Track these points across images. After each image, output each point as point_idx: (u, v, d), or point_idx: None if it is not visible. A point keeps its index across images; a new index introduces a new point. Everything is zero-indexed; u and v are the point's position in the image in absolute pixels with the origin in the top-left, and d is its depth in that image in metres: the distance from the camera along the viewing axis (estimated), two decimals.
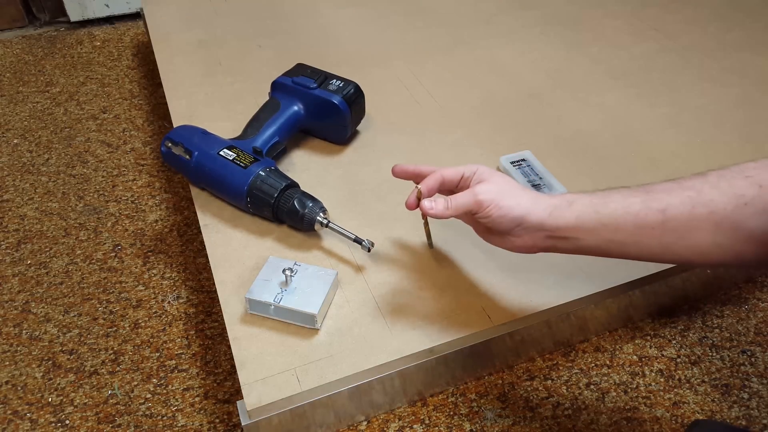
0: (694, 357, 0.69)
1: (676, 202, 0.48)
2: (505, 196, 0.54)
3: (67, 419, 0.65)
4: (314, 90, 0.81)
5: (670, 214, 0.48)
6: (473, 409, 0.64)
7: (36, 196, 0.93)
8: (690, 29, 1.11)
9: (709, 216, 0.47)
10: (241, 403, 0.57)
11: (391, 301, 0.65)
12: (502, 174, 0.58)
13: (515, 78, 0.99)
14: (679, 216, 0.48)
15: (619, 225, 0.50)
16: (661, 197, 0.49)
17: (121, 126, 1.08)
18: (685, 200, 0.48)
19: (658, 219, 0.48)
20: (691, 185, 0.48)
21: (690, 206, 0.48)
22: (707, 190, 0.47)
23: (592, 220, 0.51)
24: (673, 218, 0.48)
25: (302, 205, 0.69)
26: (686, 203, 0.48)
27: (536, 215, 0.53)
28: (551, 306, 0.65)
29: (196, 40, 1.10)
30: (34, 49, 1.31)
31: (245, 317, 0.64)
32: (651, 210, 0.49)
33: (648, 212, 0.49)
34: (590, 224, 0.51)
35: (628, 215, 0.50)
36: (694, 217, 0.47)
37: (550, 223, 0.53)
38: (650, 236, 0.49)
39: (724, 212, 0.47)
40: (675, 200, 0.48)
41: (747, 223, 0.46)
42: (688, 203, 0.48)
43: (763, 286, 0.77)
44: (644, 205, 0.49)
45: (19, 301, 0.78)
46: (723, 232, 0.47)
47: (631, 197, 0.50)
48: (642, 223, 0.49)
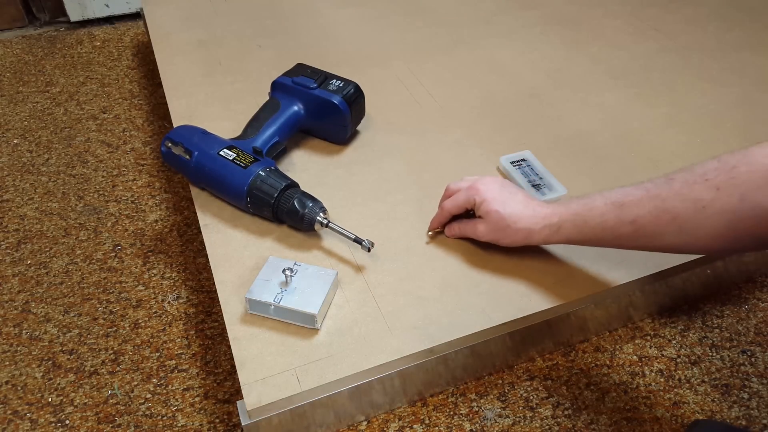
0: (694, 357, 0.69)
1: (644, 213, 0.55)
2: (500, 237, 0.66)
3: (67, 419, 0.65)
4: (314, 90, 0.81)
5: (639, 224, 0.56)
6: (473, 409, 0.64)
7: (36, 196, 0.93)
8: (690, 29, 1.11)
9: (673, 221, 0.54)
10: (241, 403, 0.57)
11: (391, 301, 0.65)
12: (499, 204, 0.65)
13: (515, 78, 0.99)
14: (647, 224, 0.55)
15: (599, 238, 0.60)
16: (631, 210, 0.56)
17: (121, 126, 1.08)
18: (652, 210, 0.55)
19: (630, 229, 0.57)
20: (657, 194, 0.55)
21: (656, 216, 0.55)
22: (670, 199, 0.54)
23: (578, 239, 0.61)
24: (642, 227, 0.56)
25: (302, 205, 0.69)
26: (652, 212, 0.55)
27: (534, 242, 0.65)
28: (551, 306, 0.65)
29: (196, 40, 1.10)
30: (34, 49, 1.31)
31: (245, 317, 0.64)
32: (623, 223, 0.57)
33: (621, 225, 0.57)
34: (577, 240, 0.62)
35: (606, 230, 0.58)
36: (660, 224, 0.55)
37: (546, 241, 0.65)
38: (626, 241, 0.58)
39: (685, 216, 0.53)
40: (642, 211, 0.55)
41: (706, 224, 0.52)
42: (653, 212, 0.55)
43: (763, 286, 0.77)
44: (618, 220, 0.57)
45: (19, 301, 0.78)
46: (686, 233, 0.54)
47: (607, 213, 0.58)
48: (618, 234, 0.58)
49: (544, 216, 0.62)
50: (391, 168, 0.82)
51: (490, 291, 0.66)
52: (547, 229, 0.62)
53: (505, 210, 0.64)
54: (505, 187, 0.66)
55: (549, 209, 0.63)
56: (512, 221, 0.64)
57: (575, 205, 0.61)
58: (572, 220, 0.60)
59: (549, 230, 0.62)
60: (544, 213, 0.63)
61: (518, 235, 0.64)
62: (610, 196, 0.59)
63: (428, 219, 0.74)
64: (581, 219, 0.60)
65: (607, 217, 0.58)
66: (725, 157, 0.52)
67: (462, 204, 0.68)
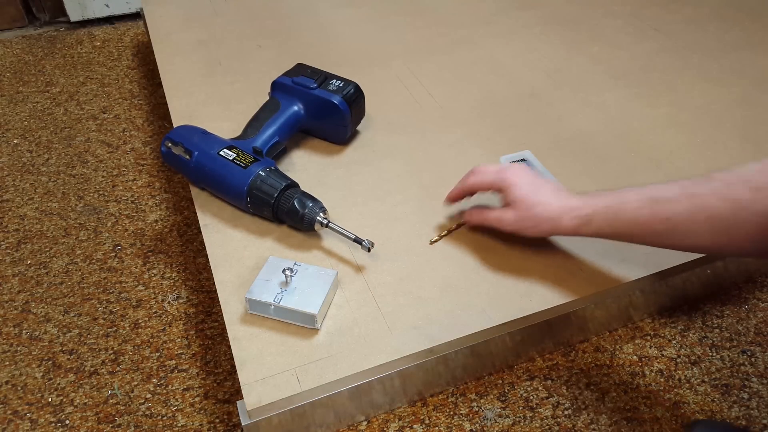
0: (694, 357, 0.69)
1: (680, 210, 0.54)
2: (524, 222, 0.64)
3: (67, 419, 0.65)
4: (314, 90, 0.81)
5: (674, 221, 0.55)
6: (473, 409, 0.64)
7: (36, 196, 0.93)
8: (690, 29, 1.11)
9: (709, 220, 0.53)
10: (241, 403, 0.57)
11: (391, 301, 0.65)
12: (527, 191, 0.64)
13: (515, 78, 0.99)
14: (682, 222, 0.54)
15: (631, 233, 0.59)
16: (666, 206, 0.55)
17: (121, 126, 1.08)
18: (688, 207, 0.54)
19: (664, 226, 0.55)
20: (694, 192, 0.54)
21: (691, 214, 0.54)
22: (708, 197, 0.53)
23: (608, 232, 0.60)
24: (677, 224, 0.55)
25: (302, 205, 0.69)
26: (688, 209, 0.54)
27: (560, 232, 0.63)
28: (551, 306, 0.65)
29: (196, 40, 1.10)
30: (34, 49, 1.31)
31: (245, 317, 0.64)
32: (658, 219, 0.56)
33: (655, 221, 0.56)
34: (607, 234, 0.61)
35: (639, 225, 0.57)
36: (694, 222, 0.54)
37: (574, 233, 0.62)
38: (658, 238, 0.57)
39: (722, 216, 0.52)
40: (678, 208, 0.54)
41: (743, 225, 0.51)
42: (690, 209, 0.54)
43: (763, 286, 0.77)
44: (652, 215, 0.56)
45: (19, 301, 0.78)
46: (722, 233, 0.53)
47: (642, 209, 0.57)
48: (650, 230, 0.57)
49: (574, 206, 0.61)
50: (391, 168, 0.82)
51: (490, 291, 0.66)
52: (576, 220, 0.60)
53: (535, 197, 0.62)
54: (535, 175, 0.65)
55: (580, 200, 0.61)
56: (542, 209, 0.62)
57: (607, 198, 0.59)
58: (604, 212, 0.59)
59: (579, 221, 0.60)
60: (575, 203, 0.61)
61: (546, 225, 0.62)
62: (644, 191, 0.57)
63: (428, 219, 0.74)
64: (613, 212, 0.58)
65: (641, 212, 0.56)
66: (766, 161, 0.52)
67: (489, 184, 0.66)
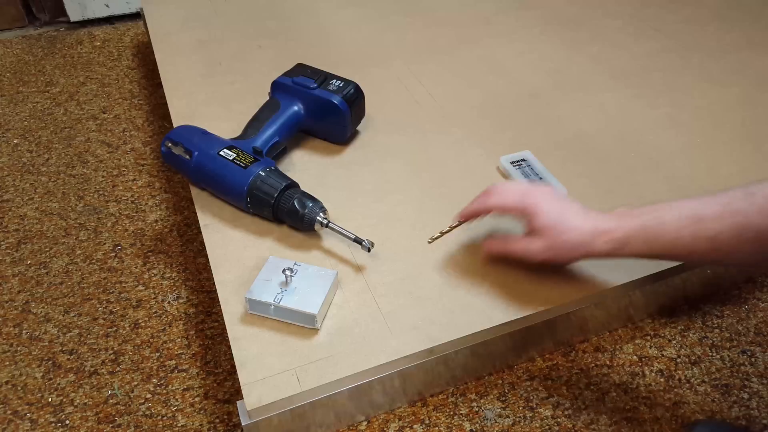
0: (694, 357, 0.69)
1: (725, 229, 0.52)
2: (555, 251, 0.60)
3: (67, 419, 0.65)
4: (314, 90, 0.81)
5: (719, 241, 0.52)
6: (473, 409, 0.64)
7: (36, 196, 0.93)
8: (690, 29, 1.11)
9: (756, 239, 0.51)
10: (241, 403, 0.57)
11: (391, 301, 0.65)
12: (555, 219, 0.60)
13: (515, 78, 0.99)
14: (727, 242, 0.52)
15: (672, 254, 0.56)
16: (710, 225, 0.52)
17: (121, 126, 1.08)
18: (733, 226, 0.51)
19: (708, 246, 0.53)
20: (738, 209, 0.51)
21: (738, 232, 0.51)
22: (754, 215, 0.50)
23: (645, 254, 0.57)
24: (721, 244, 0.52)
25: (302, 205, 0.69)
26: (734, 229, 0.51)
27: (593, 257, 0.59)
28: (551, 306, 0.65)
29: (196, 40, 1.10)
30: (34, 49, 1.31)
31: (245, 317, 0.64)
32: (701, 239, 0.53)
33: (698, 242, 0.53)
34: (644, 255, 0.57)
35: (678, 247, 0.54)
36: (741, 242, 0.51)
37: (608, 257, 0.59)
38: (700, 257, 0.55)
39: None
40: (723, 227, 0.52)
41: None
42: (736, 230, 0.51)
43: (763, 286, 0.77)
44: (694, 237, 0.53)
45: (19, 301, 0.78)
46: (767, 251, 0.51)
47: (683, 229, 0.53)
48: (692, 251, 0.54)
49: (607, 229, 0.57)
50: (391, 168, 0.82)
51: (490, 291, 0.66)
52: (611, 244, 0.57)
53: (564, 223, 0.59)
54: (560, 198, 0.61)
55: (612, 222, 0.57)
56: (572, 235, 0.58)
57: (642, 218, 0.56)
58: (642, 236, 0.55)
59: (613, 245, 0.57)
60: (607, 225, 0.57)
61: (578, 251, 0.59)
62: (682, 208, 0.54)
63: (428, 219, 0.74)
64: (652, 233, 0.55)
65: (682, 232, 0.53)
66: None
67: (511, 207, 0.62)
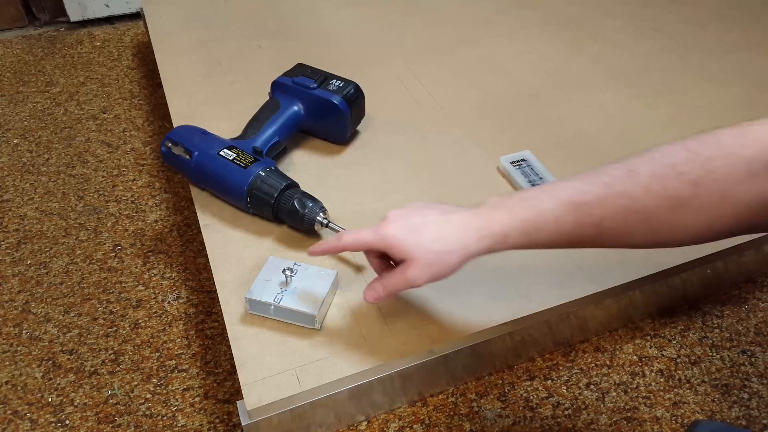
0: (694, 357, 0.69)
1: (610, 214, 0.48)
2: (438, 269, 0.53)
3: (67, 419, 0.65)
4: (314, 90, 0.82)
5: (604, 227, 0.48)
6: (473, 409, 0.64)
7: (36, 196, 0.93)
8: (690, 29, 1.11)
9: (645, 222, 0.47)
10: (241, 403, 0.57)
11: (391, 301, 0.65)
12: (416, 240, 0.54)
13: (515, 78, 0.99)
14: (614, 227, 0.48)
15: (554, 243, 0.51)
16: (593, 211, 0.48)
17: (121, 126, 1.08)
18: (619, 210, 0.47)
19: (594, 232, 0.49)
20: (623, 191, 0.47)
21: (623, 216, 0.48)
22: (641, 196, 0.47)
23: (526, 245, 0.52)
24: (607, 229, 0.48)
25: (302, 205, 0.69)
26: (620, 213, 0.48)
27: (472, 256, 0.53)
28: (551, 306, 0.65)
29: (196, 40, 1.10)
30: (34, 49, 1.31)
31: (245, 317, 0.64)
32: (585, 225, 0.49)
33: (582, 229, 0.49)
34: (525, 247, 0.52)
35: (562, 236, 0.50)
36: (628, 224, 0.48)
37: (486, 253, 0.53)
38: (587, 243, 0.51)
39: (659, 217, 0.47)
40: (608, 212, 0.48)
41: (683, 223, 0.47)
42: (621, 213, 0.47)
43: (763, 286, 0.77)
44: (577, 223, 0.49)
45: (19, 301, 0.78)
46: (659, 233, 0.48)
47: (563, 216, 0.49)
48: (577, 239, 0.50)
49: (478, 227, 0.52)
50: (391, 168, 0.82)
51: (490, 291, 0.66)
52: (488, 240, 0.52)
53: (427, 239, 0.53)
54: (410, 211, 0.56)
55: (484, 219, 0.52)
56: (441, 245, 0.52)
57: (519, 209, 0.51)
58: (520, 227, 0.51)
59: (491, 240, 0.52)
60: (478, 224, 0.52)
61: (456, 257, 0.52)
62: (559, 193, 0.50)
63: None
64: (532, 226, 0.50)
65: (563, 221, 0.49)
66: (693, 146, 0.47)
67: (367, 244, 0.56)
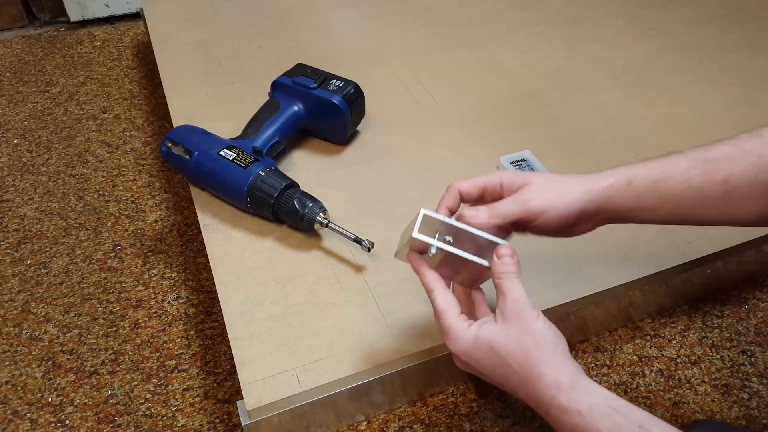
0: (694, 357, 0.69)
1: (739, 170, 0.46)
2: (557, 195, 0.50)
3: (67, 419, 0.65)
4: (314, 90, 0.82)
5: (733, 184, 0.46)
6: (473, 409, 0.64)
7: (36, 196, 0.93)
8: (690, 29, 1.11)
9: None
10: (241, 403, 0.57)
11: (391, 301, 0.65)
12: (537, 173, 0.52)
13: (515, 78, 0.99)
14: (741, 185, 0.46)
15: (680, 201, 0.48)
16: (722, 166, 0.46)
17: (121, 126, 1.08)
18: (748, 167, 0.46)
19: (720, 191, 0.47)
20: (752, 149, 0.46)
21: (753, 175, 0.45)
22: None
23: (653, 198, 0.49)
24: (735, 188, 0.46)
25: (302, 205, 0.69)
26: (749, 170, 0.46)
27: (594, 203, 0.50)
28: (551, 306, 0.65)
29: (196, 40, 1.10)
30: (34, 49, 1.31)
31: (245, 317, 0.64)
32: (713, 182, 0.47)
33: (710, 185, 0.47)
34: (651, 203, 0.49)
35: (690, 190, 0.48)
36: (756, 185, 0.46)
37: (609, 208, 0.51)
38: (711, 207, 0.48)
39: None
40: (737, 168, 0.46)
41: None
42: (750, 170, 0.46)
43: (763, 286, 0.77)
44: (705, 178, 0.47)
45: (19, 301, 0.78)
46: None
47: (692, 169, 0.47)
48: (704, 197, 0.47)
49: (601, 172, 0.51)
50: (391, 168, 0.82)
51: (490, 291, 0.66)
52: (610, 178, 0.50)
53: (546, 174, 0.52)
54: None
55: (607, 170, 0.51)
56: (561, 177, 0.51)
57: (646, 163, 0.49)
58: (647, 173, 0.49)
59: (614, 179, 0.50)
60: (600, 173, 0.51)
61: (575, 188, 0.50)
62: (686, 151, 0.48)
63: None
64: (659, 173, 0.48)
65: (691, 174, 0.47)
66: None
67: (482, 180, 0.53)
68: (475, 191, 0.54)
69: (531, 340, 0.46)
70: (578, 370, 0.45)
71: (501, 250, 0.49)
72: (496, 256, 0.49)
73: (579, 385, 0.44)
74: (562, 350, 0.46)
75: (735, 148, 0.47)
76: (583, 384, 0.44)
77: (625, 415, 0.42)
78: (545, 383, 0.44)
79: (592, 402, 0.43)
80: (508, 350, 0.46)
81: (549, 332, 0.46)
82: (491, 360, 0.47)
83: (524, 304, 0.47)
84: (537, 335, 0.46)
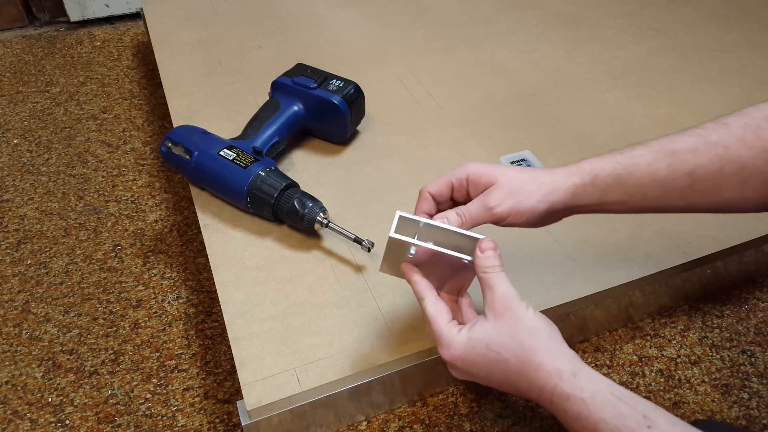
0: (694, 357, 0.69)
1: (704, 162, 0.47)
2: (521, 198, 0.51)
3: (67, 419, 0.65)
4: (314, 90, 0.82)
5: (698, 176, 0.47)
6: (473, 409, 0.64)
7: (36, 196, 0.93)
8: (690, 29, 1.11)
9: (738, 173, 0.46)
10: (241, 403, 0.57)
11: (391, 301, 0.65)
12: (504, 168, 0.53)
13: (515, 78, 0.99)
14: (707, 176, 0.47)
15: (646, 193, 0.49)
16: (688, 158, 0.47)
17: (121, 126, 1.08)
18: (713, 159, 0.47)
19: (686, 182, 0.48)
20: (717, 140, 0.47)
21: (718, 166, 0.46)
22: (734, 146, 0.46)
23: (618, 194, 0.50)
24: (701, 179, 0.47)
25: (302, 205, 0.69)
26: (714, 162, 0.47)
27: (560, 203, 0.52)
28: (551, 306, 0.65)
29: (196, 40, 1.10)
30: (34, 49, 1.31)
31: (245, 317, 0.64)
32: (678, 174, 0.48)
33: (675, 176, 0.48)
34: (616, 197, 0.50)
35: (655, 182, 0.49)
36: (722, 176, 0.47)
37: (575, 204, 0.52)
38: (677, 198, 0.49)
39: (753, 168, 0.46)
40: (702, 160, 0.47)
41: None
42: (716, 162, 0.46)
43: (763, 286, 0.77)
44: (671, 170, 0.48)
45: (19, 301, 0.78)
46: (752, 187, 0.47)
47: (657, 162, 0.48)
48: (669, 188, 0.49)
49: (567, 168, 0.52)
50: (391, 168, 0.82)
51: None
52: (575, 177, 0.51)
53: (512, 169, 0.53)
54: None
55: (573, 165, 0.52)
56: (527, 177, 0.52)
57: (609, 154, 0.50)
58: (611, 168, 0.49)
59: (579, 178, 0.51)
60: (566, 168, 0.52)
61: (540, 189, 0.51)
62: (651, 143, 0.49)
63: None
64: (623, 167, 0.49)
65: (656, 166, 0.48)
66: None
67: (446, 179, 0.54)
68: (446, 190, 0.54)
69: (525, 331, 0.46)
70: (576, 357, 0.46)
71: (483, 244, 0.49)
72: (479, 250, 0.49)
73: (580, 372, 0.44)
74: (557, 338, 0.47)
75: (700, 139, 0.48)
76: (585, 371, 0.44)
77: (629, 404, 0.42)
78: (546, 372, 0.44)
79: (595, 390, 0.43)
80: (503, 344, 0.46)
81: (541, 321, 0.47)
82: (487, 359, 0.47)
83: (513, 297, 0.47)
84: (530, 325, 0.46)
